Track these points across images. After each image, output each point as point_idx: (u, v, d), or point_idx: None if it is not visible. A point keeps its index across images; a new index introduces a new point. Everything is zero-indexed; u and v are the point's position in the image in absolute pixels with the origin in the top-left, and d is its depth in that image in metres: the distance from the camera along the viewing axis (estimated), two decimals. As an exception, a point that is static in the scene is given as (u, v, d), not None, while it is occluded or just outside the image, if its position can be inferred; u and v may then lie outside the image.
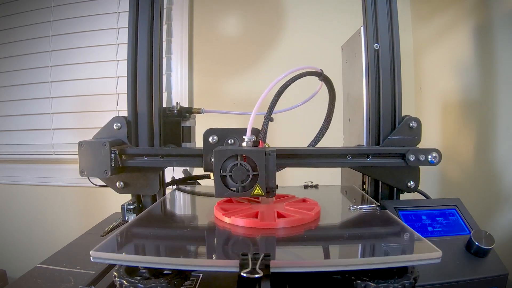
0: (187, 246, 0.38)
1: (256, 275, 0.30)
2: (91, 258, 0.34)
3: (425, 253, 0.33)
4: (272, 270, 0.31)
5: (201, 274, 0.43)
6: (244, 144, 0.46)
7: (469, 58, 0.74)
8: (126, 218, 0.55)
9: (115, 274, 0.35)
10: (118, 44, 1.08)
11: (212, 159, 0.45)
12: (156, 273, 0.35)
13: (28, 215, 1.21)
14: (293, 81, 0.48)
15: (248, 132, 0.46)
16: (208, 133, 0.49)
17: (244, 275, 0.30)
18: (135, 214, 0.55)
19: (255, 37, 1.06)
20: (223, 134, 0.49)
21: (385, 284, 0.32)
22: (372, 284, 0.32)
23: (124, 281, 0.33)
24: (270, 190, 0.43)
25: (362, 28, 0.54)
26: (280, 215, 0.43)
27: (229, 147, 0.47)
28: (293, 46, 1.03)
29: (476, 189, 0.71)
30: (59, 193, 1.18)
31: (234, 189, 0.43)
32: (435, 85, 0.89)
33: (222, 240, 0.40)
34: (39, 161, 1.18)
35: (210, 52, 1.08)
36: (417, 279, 0.34)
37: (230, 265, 0.32)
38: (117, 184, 0.54)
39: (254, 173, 0.42)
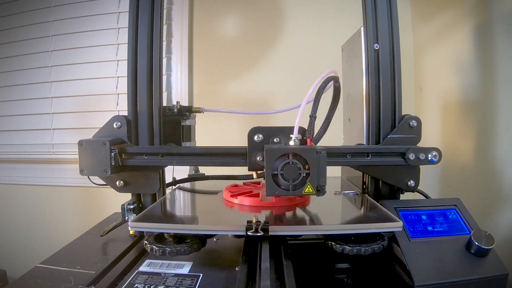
0: (204, 219, 0.48)
1: (258, 234, 0.39)
2: (129, 228, 0.42)
3: (388, 222, 0.41)
4: (270, 233, 0.40)
5: (201, 274, 0.43)
6: (291, 142, 0.46)
7: (469, 58, 0.74)
8: (126, 218, 0.55)
9: (146, 242, 0.43)
10: (118, 44, 1.08)
11: (259, 158, 0.47)
12: (179, 240, 0.43)
13: (28, 215, 1.21)
14: (327, 83, 0.49)
15: (296, 130, 0.46)
16: (253, 131, 0.48)
17: (250, 233, 0.39)
18: (135, 214, 0.55)
19: (256, 37, 1.06)
20: (268, 132, 0.48)
21: (358, 247, 0.40)
22: (348, 247, 0.40)
23: (154, 246, 0.41)
24: (321, 188, 0.43)
25: (362, 28, 0.54)
26: None
27: (278, 146, 0.47)
28: (293, 46, 1.03)
29: (476, 189, 0.71)
30: (59, 193, 1.18)
31: (284, 187, 0.43)
32: (435, 85, 0.89)
33: (231, 214, 0.49)
34: (39, 161, 1.18)
35: (210, 52, 1.08)
36: (385, 245, 0.41)
37: (238, 229, 0.40)
38: (117, 183, 0.54)
39: (306, 171, 0.42)
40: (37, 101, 1.15)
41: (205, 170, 0.70)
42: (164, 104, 0.61)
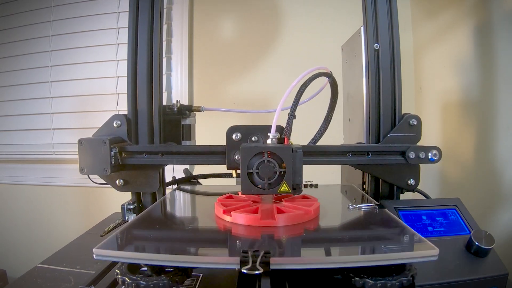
0: (189, 244, 0.39)
1: (256, 272, 0.30)
2: (94, 255, 0.34)
3: (422, 250, 0.34)
4: (272, 267, 0.31)
5: (201, 274, 0.43)
6: (268, 141, 0.46)
7: (469, 57, 0.74)
8: (126, 218, 0.55)
9: (118, 271, 0.35)
10: (118, 44, 1.08)
11: (237, 156, 0.46)
12: (157, 270, 0.35)
13: (28, 215, 1.21)
14: (311, 81, 0.49)
15: (273, 129, 0.46)
16: (232, 130, 0.48)
17: (245, 271, 0.30)
18: (135, 214, 0.55)
19: (255, 37, 1.06)
20: (246, 131, 0.48)
21: (383, 281, 0.32)
22: (370, 281, 0.32)
23: (127, 279, 0.34)
24: (297, 187, 0.42)
25: (362, 28, 0.54)
26: (280, 211, 0.43)
27: (255, 144, 0.46)
28: (293, 46, 1.03)
29: (476, 189, 0.71)
30: (59, 193, 1.18)
31: (260, 186, 0.42)
32: (435, 85, 0.89)
33: (223, 238, 0.41)
34: (39, 161, 1.18)
35: (210, 52, 1.08)
36: (415, 276, 0.34)
37: (231, 262, 0.32)
38: (117, 182, 0.54)
39: (282, 170, 0.42)
40: (37, 101, 1.15)
41: (206, 168, 0.69)
42: (164, 103, 0.61)
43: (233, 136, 0.48)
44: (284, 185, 0.42)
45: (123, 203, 0.55)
